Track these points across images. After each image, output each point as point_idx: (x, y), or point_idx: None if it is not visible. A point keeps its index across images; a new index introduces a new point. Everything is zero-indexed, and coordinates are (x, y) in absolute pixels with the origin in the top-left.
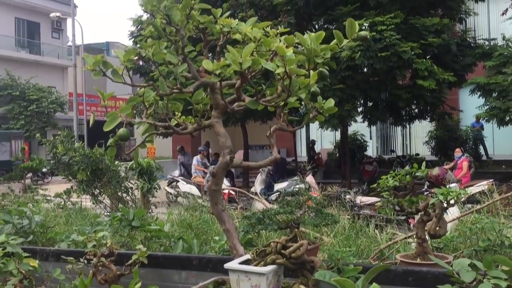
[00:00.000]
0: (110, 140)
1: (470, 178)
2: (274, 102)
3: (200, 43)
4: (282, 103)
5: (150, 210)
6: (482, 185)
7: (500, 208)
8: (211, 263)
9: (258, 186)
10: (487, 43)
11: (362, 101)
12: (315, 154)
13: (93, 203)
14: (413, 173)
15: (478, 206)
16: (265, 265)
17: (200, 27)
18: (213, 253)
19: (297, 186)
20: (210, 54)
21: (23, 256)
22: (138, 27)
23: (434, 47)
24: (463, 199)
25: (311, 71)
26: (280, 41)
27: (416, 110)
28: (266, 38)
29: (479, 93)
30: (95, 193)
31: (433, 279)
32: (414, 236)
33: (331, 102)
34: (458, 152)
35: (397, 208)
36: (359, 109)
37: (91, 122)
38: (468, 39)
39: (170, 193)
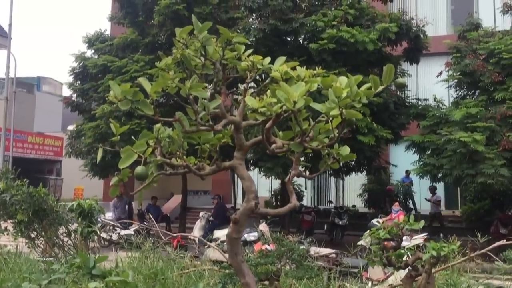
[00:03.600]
0: (114, 179)
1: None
2: (320, 146)
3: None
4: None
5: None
6: (419, 238)
7: (460, 266)
8: None
9: (197, 232)
10: (419, 103)
11: (304, 155)
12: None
13: (29, 247)
14: (404, 226)
15: (452, 263)
16: None
17: (223, 62)
18: None
19: (251, 234)
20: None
21: None
22: (81, 63)
23: (374, 105)
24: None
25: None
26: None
27: (353, 163)
28: (315, 78)
29: (414, 150)
30: (32, 235)
31: None
32: None
33: (346, 150)
34: (396, 206)
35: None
36: (301, 159)
37: (98, 157)
38: (403, 98)
39: (103, 238)
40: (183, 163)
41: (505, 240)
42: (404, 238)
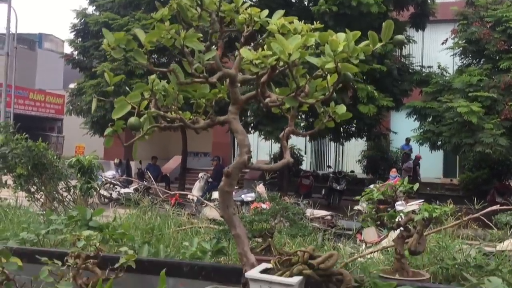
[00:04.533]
0: (108, 130)
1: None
2: (315, 100)
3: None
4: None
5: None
6: (415, 204)
7: (454, 230)
8: (204, 270)
9: (196, 192)
10: (423, 70)
11: (304, 116)
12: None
13: (28, 200)
14: (398, 187)
15: (444, 226)
16: (291, 275)
17: (220, 15)
18: (187, 259)
19: (248, 195)
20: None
21: (10, 254)
22: (82, 20)
23: (377, 72)
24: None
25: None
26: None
27: (353, 129)
28: (312, 33)
29: (415, 117)
30: (32, 190)
31: None
32: (394, 251)
33: (343, 108)
34: (393, 172)
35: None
36: (302, 124)
37: (93, 108)
38: (407, 65)
39: (103, 195)
40: (177, 116)
41: (499, 205)
42: (400, 203)
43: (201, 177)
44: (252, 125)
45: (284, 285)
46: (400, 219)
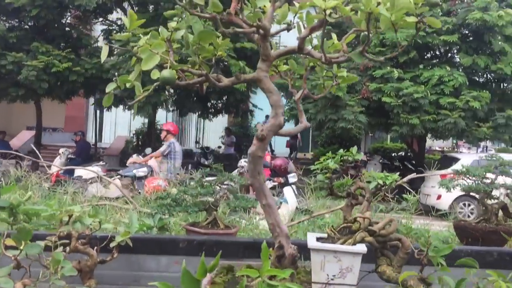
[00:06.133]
0: (112, 86)
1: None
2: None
3: None
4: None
5: None
6: (292, 177)
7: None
8: (204, 245)
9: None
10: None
11: (173, 91)
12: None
13: None
14: (350, 157)
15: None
16: (354, 243)
17: None
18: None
19: (140, 170)
20: None
21: (31, 233)
22: None
23: (249, 49)
24: None
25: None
26: None
27: (220, 105)
28: None
29: (282, 93)
30: None
31: None
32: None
33: (344, 72)
34: None
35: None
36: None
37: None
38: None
39: None
40: (202, 72)
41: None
42: (292, 175)
43: (62, 153)
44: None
45: (351, 254)
46: (348, 188)
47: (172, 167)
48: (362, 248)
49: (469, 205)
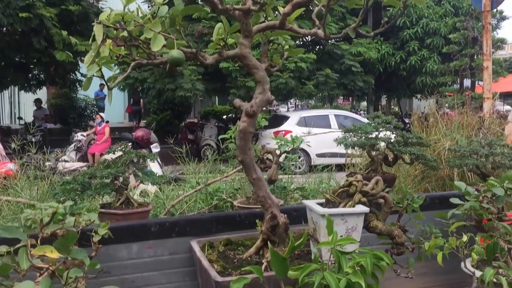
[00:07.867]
0: (94, 69)
1: (111, 142)
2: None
3: None
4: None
5: None
6: (155, 147)
7: None
8: (177, 226)
9: None
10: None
11: None
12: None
13: None
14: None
15: None
16: (354, 205)
17: None
18: None
19: None
20: None
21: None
22: None
23: (74, 15)
24: None
25: None
26: None
27: (43, 76)
28: None
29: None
30: None
31: None
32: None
33: (291, 42)
34: (98, 119)
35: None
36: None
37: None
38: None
39: None
40: (192, 51)
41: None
42: (155, 145)
43: None
44: None
45: (356, 215)
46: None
47: None
48: (364, 208)
49: (299, 157)
